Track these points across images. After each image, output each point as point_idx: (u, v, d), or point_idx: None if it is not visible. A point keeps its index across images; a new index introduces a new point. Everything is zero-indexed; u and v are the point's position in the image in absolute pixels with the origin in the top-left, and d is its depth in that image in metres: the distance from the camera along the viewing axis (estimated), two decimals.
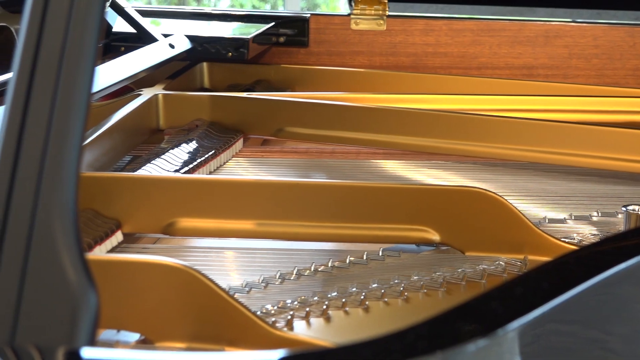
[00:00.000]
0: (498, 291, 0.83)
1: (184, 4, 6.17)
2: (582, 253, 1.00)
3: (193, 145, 1.73)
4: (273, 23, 2.19)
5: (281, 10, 2.34)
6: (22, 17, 0.80)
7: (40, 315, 0.74)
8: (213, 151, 1.72)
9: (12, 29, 1.79)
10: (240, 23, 2.28)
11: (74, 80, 0.78)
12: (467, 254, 1.37)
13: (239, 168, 1.75)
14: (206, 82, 2.13)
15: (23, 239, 0.75)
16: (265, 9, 6.02)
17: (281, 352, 0.75)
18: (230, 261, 1.35)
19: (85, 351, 0.73)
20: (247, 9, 5.45)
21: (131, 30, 2.03)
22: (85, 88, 0.78)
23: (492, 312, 0.80)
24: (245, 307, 1.09)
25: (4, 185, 0.76)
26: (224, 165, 1.74)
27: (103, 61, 1.99)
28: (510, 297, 0.81)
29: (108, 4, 2.01)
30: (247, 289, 1.25)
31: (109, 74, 1.74)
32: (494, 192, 1.38)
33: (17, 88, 0.78)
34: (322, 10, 5.73)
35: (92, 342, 0.74)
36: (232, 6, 5.79)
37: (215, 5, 6.14)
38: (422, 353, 0.72)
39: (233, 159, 1.78)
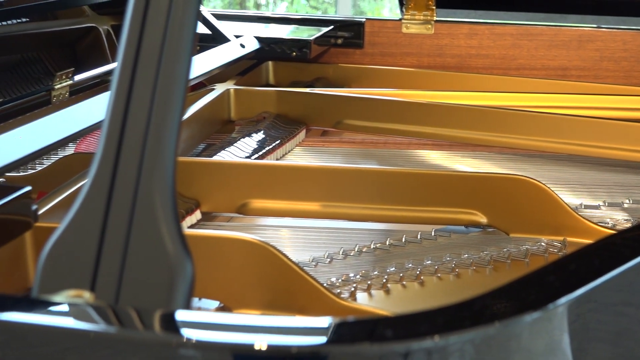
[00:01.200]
0: (553, 267, 0.83)
1: (244, 9, 6.19)
2: (627, 235, 0.99)
3: (261, 135, 1.73)
4: (332, 26, 2.18)
5: (339, 15, 2.33)
6: (126, 14, 0.80)
7: (141, 281, 0.74)
8: (279, 140, 1.72)
9: (100, 29, 1.80)
10: (301, 26, 2.28)
11: (173, 70, 0.78)
12: (511, 235, 1.36)
13: (302, 156, 1.75)
14: (271, 79, 2.13)
15: (127, 213, 0.75)
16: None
17: (372, 318, 0.74)
18: (297, 238, 1.35)
19: (180, 314, 0.73)
20: (307, 14, 5.44)
21: (206, 31, 2.03)
22: (182, 78, 0.78)
23: (549, 286, 0.80)
24: (314, 278, 1.09)
25: (110, 164, 0.76)
26: (289, 153, 1.74)
27: None
28: (564, 273, 0.80)
29: None
30: (313, 263, 1.25)
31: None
32: (536, 180, 1.37)
33: (121, 77, 0.78)
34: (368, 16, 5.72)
35: (188, 306, 0.75)
36: (288, 12, 5.81)
37: (273, 11, 6.15)
38: (487, 321, 0.72)
39: (297, 147, 1.78)
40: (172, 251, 0.74)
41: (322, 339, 0.71)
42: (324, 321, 0.73)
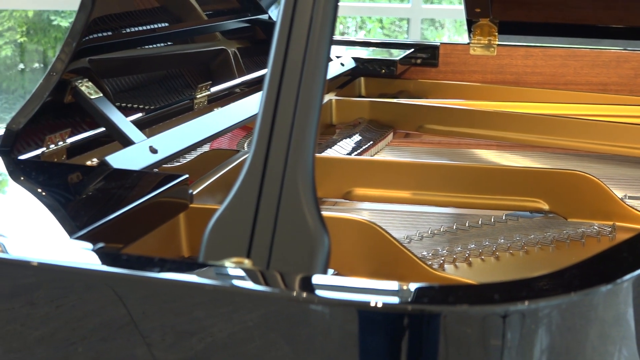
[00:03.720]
0: (626, 245, 0.79)
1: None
2: None
3: (357, 136, 1.72)
4: (413, 49, 2.16)
5: (417, 40, 2.32)
6: (273, 36, 0.79)
7: (287, 251, 0.73)
8: (372, 141, 1.70)
9: (229, 50, 1.80)
10: (387, 49, 2.26)
11: (312, 80, 0.77)
12: (569, 220, 1.33)
13: (391, 153, 1.74)
14: (363, 92, 2.12)
15: (275, 196, 0.74)
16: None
17: (477, 284, 0.71)
18: (392, 220, 1.33)
19: (316, 277, 0.72)
20: (394, 39, 5.41)
21: None
22: (319, 87, 0.77)
23: (621, 262, 0.77)
24: (411, 252, 1.07)
25: (262, 156, 0.75)
26: (380, 151, 1.72)
27: None
28: (634, 253, 0.77)
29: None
30: (407, 240, 1.23)
31: None
32: (589, 174, 1.34)
33: (270, 87, 0.77)
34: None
35: (325, 272, 0.73)
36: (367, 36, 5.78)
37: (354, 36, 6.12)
38: (576, 289, 0.69)
39: (386, 146, 1.76)
40: (313, 227, 0.73)
41: (433, 300, 0.69)
42: (434, 285, 0.71)
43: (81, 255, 0.76)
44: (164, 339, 0.70)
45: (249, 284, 0.70)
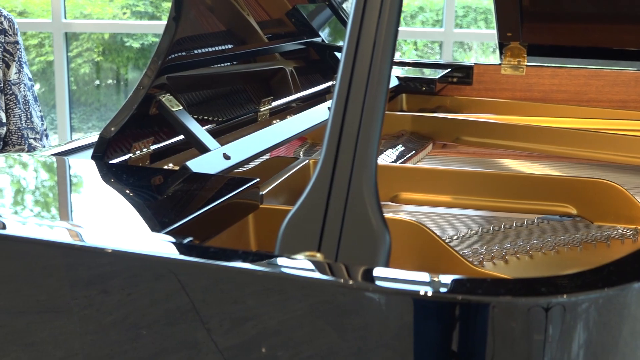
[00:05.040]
0: None
1: None
2: None
3: (401, 146, 1.72)
4: (450, 69, 2.16)
5: (454, 61, 2.32)
6: (342, 52, 0.80)
7: (353, 246, 0.74)
8: (414, 151, 1.70)
9: (286, 69, 1.81)
10: (419, 68, 2.25)
11: (376, 95, 0.77)
12: (595, 223, 1.31)
13: (431, 161, 1.73)
14: (404, 107, 2.12)
15: (343, 198, 0.75)
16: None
17: (521, 278, 0.71)
18: (434, 221, 1.33)
19: (377, 270, 0.73)
20: (433, 59, 5.39)
21: None
22: (382, 101, 0.77)
23: None
24: (454, 250, 1.07)
25: (331, 162, 0.76)
26: (421, 160, 1.72)
27: None
28: None
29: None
30: (449, 239, 1.23)
31: None
32: (613, 182, 1.32)
33: (339, 99, 0.78)
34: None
35: (386, 265, 0.74)
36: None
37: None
38: (615, 284, 0.68)
39: (426, 156, 1.76)
40: (376, 226, 0.73)
41: (484, 291, 0.68)
42: (486, 279, 0.71)
43: (151, 244, 0.77)
44: (222, 325, 0.70)
45: (301, 272, 0.70)
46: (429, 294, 0.67)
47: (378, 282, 0.70)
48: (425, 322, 0.68)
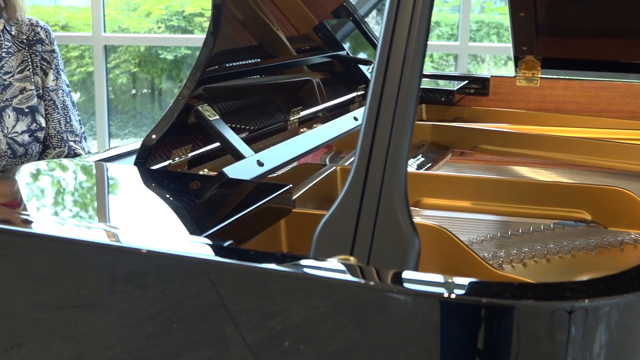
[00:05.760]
0: None
1: None
2: None
3: (422, 155, 1.71)
4: (467, 81, 2.14)
5: (471, 73, 2.30)
6: (373, 67, 0.79)
7: (384, 250, 0.73)
8: (434, 159, 1.69)
9: (313, 81, 1.81)
10: (443, 81, 2.24)
11: (406, 106, 0.76)
12: (609, 229, 1.29)
13: (450, 169, 1.72)
14: (424, 116, 2.11)
15: (374, 204, 0.74)
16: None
17: (544, 282, 0.70)
18: (455, 225, 1.32)
19: (406, 273, 0.72)
20: (450, 72, 5.36)
21: None
22: (412, 112, 0.76)
23: None
24: (476, 253, 1.06)
25: (363, 170, 0.75)
26: (441, 167, 1.71)
27: (362, 104, 1.99)
28: None
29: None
30: (469, 242, 1.22)
31: None
32: (625, 189, 1.30)
33: (370, 111, 0.77)
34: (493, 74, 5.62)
35: (416, 269, 0.73)
36: None
37: None
38: (636, 289, 0.67)
39: (446, 163, 1.74)
40: (406, 231, 0.73)
41: (511, 295, 0.67)
42: (513, 283, 0.69)
43: (183, 244, 0.77)
44: (249, 320, 0.70)
45: (320, 272, 0.69)
46: (457, 296, 0.66)
47: (406, 284, 0.69)
48: (453, 323, 0.68)
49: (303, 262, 0.71)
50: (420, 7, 0.79)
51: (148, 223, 0.89)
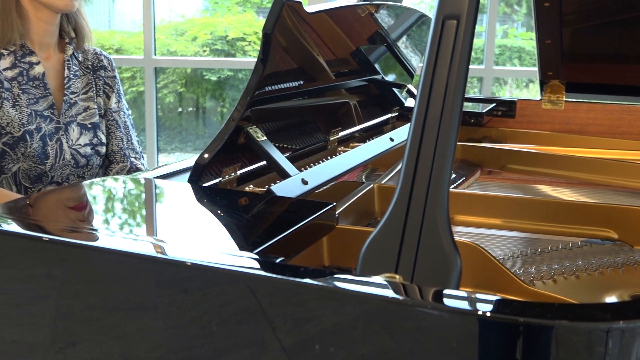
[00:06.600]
0: None
1: None
2: None
3: (453, 174, 1.69)
4: (495, 104, 2.11)
5: (499, 97, 2.26)
6: (417, 93, 0.78)
7: (427, 268, 0.72)
8: (464, 177, 1.67)
9: (351, 103, 1.80)
10: (473, 103, 2.21)
11: (448, 132, 0.75)
12: (635, 247, 1.26)
13: (479, 187, 1.69)
14: None
15: (418, 224, 0.72)
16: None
17: (581, 303, 0.68)
18: (486, 242, 1.29)
19: (447, 291, 0.70)
20: (479, 95, 5.33)
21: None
22: (453, 137, 0.75)
23: None
24: (507, 268, 1.03)
25: (407, 191, 0.74)
26: (471, 185, 1.68)
27: (395, 125, 1.98)
28: None
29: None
30: (501, 258, 1.19)
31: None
32: None
33: (414, 135, 0.76)
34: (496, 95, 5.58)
35: (457, 288, 0.71)
36: None
37: None
38: None
39: (475, 182, 1.72)
40: (448, 250, 0.71)
41: (553, 315, 0.65)
42: (553, 304, 0.67)
43: (225, 258, 0.77)
44: (285, 324, 0.70)
45: (347, 285, 0.68)
46: (497, 315, 0.65)
47: (447, 301, 0.68)
48: (491, 340, 0.66)
49: (339, 276, 0.71)
50: (462, 36, 0.77)
51: (200, 237, 0.89)
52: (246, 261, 0.76)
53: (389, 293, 0.67)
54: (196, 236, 0.88)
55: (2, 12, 1.67)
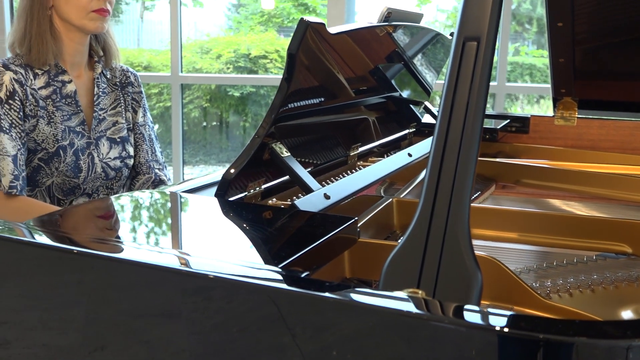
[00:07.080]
0: None
1: None
2: None
3: None
4: (509, 120, 2.09)
5: (512, 113, 2.23)
6: (438, 113, 0.77)
7: (449, 284, 0.70)
8: (480, 192, 1.65)
9: (369, 119, 1.79)
10: (487, 119, 2.19)
11: (468, 151, 0.74)
12: None
13: (494, 201, 1.67)
14: None
15: (439, 240, 0.71)
16: None
17: (601, 320, 0.66)
18: (502, 255, 1.27)
19: (467, 306, 0.69)
20: (493, 111, 5.30)
21: (431, 121, 2.00)
22: (474, 156, 0.74)
23: None
24: (523, 281, 1.01)
25: (429, 207, 0.73)
26: (486, 199, 1.66)
27: (412, 141, 1.96)
28: None
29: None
30: (518, 271, 1.17)
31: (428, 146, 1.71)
32: None
33: (435, 154, 0.75)
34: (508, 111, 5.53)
35: (478, 304, 0.70)
36: None
37: None
38: None
39: (490, 196, 1.70)
40: (469, 266, 0.70)
41: (574, 332, 0.63)
42: (574, 320, 0.66)
43: (245, 270, 0.76)
44: (305, 331, 0.69)
45: (421, 311, 0.67)
46: (516, 331, 0.63)
47: (466, 314, 0.66)
48: (512, 357, 0.64)
49: (356, 290, 0.70)
50: (482, 57, 0.76)
51: (225, 250, 0.88)
52: (270, 273, 0.75)
53: (411, 308, 0.66)
54: (221, 250, 0.88)
55: (38, 35, 1.70)
